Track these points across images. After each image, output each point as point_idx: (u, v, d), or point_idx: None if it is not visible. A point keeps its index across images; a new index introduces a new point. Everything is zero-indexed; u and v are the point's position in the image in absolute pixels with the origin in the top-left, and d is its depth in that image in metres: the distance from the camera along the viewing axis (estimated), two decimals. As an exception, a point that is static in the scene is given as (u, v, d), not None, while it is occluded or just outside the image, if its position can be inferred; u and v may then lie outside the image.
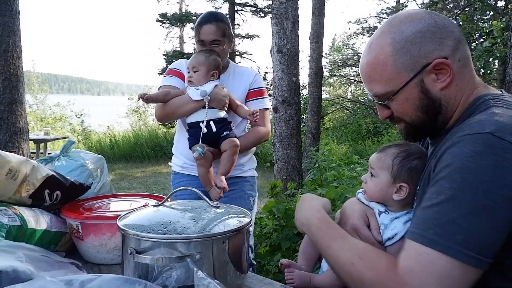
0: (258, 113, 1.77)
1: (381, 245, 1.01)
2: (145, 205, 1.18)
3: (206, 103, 1.72)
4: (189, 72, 1.79)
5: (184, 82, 1.88)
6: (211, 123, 1.73)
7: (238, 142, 1.75)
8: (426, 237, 0.77)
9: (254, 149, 2.06)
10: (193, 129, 1.76)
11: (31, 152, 5.98)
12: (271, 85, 4.85)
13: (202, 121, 1.72)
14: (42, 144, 7.19)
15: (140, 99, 1.71)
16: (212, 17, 1.86)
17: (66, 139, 1.50)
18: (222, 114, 1.77)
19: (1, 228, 0.93)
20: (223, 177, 1.71)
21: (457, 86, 0.93)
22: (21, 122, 4.21)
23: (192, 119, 1.78)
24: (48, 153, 6.91)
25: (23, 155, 2.74)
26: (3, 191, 1.03)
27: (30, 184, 1.09)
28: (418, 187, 1.01)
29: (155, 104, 1.87)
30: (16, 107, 4.17)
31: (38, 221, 1.06)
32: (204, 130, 1.71)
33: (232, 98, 1.82)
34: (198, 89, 1.74)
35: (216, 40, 1.83)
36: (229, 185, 1.91)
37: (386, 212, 1.04)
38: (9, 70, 4.09)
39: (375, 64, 0.94)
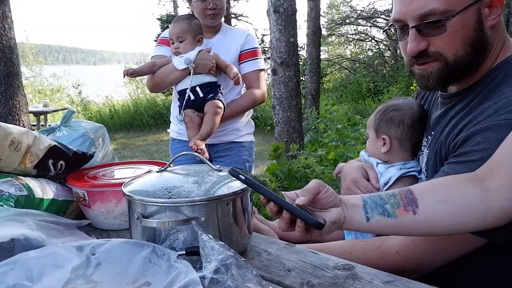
0: (239, 77, 1.75)
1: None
2: (149, 172, 1.20)
3: (191, 70, 1.70)
4: (173, 43, 1.75)
5: None
6: (197, 88, 1.73)
7: (220, 104, 1.73)
8: None
9: (251, 113, 2.05)
10: (182, 96, 1.77)
11: (32, 125, 5.98)
12: (269, 47, 4.76)
13: (187, 88, 1.72)
14: (42, 117, 7.17)
15: (125, 76, 1.72)
16: None
17: (66, 111, 1.51)
18: (209, 78, 1.75)
19: (9, 198, 0.95)
20: (199, 142, 1.66)
21: (498, 30, 0.86)
22: (19, 94, 4.17)
23: (180, 87, 1.78)
24: (49, 125, 6.90)
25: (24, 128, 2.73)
26: (8, 162, 1.04)
27: (34, 155, 1.10)
28: (429, 137, 1.02)
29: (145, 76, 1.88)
30: (13, 79, 4.11)
31: (44, 190, 1.08)
32: (192, 97, 1.72)
33: (219, 60, 1.79)
34: (182, 56, 1.72)
35: None
36: (225, 150, 1.92)
37: (383, 163, 1.09)
38: (2, 42, 4.00)
39: None
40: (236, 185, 0.93)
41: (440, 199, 0.75)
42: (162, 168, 1.05)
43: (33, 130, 1.25)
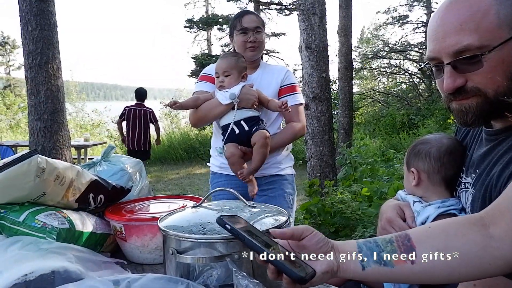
0: (287, 103, 1.78)
1: None
2: (183, 206, 1.21)
3: (236, 105, 1.74)
4: (218, 77, 1.80)
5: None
6: (242, 122, 1.75)
7: (267, 133, 1.75)
8: None
9: (291, 146, 2.07)
10: (225, 131, 1.79)
11: (73, 158, 6.26)
12: (300, 82, 4.83)
13: (231, 123, 1.76)
14: (82, 150, 7.49)
15: (169, 106, 1.76)
16: (250, 11, 2.02)
17: (105, 145, 1.58)
18: (252, 113, 1.78)
19: (52, 231, 0.99)
20: (253, 178, 1.74)
21: None
22: (63, 130, 4.41)
23: (224, 121, 1.80)
24: (89, 159, 7.20)
25: (66, 161, 2.86)
26: (52, 195, 1.09)
27: (76, 188, 1.14)
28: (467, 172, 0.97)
29: (188, 110, 1.93)
30: (58, 116, 4.38)
31: (84, 223, 1.11)
32: (236, 130, 1.74)
33: (261, 95, 1.83)
34: (226, 91, 1.75)
35: (259, 27, 1.91)
36: (267, 184, 1.93)
37: (420, 202, 1.06)
38: (50, 81, 4.30)
39: (474, 11, 0.79)
40: (270, 221, 0.93)
41: (438, 247, 0.70)
42: (197, 204, 1.06)
43: (74, 163, 1.31)
